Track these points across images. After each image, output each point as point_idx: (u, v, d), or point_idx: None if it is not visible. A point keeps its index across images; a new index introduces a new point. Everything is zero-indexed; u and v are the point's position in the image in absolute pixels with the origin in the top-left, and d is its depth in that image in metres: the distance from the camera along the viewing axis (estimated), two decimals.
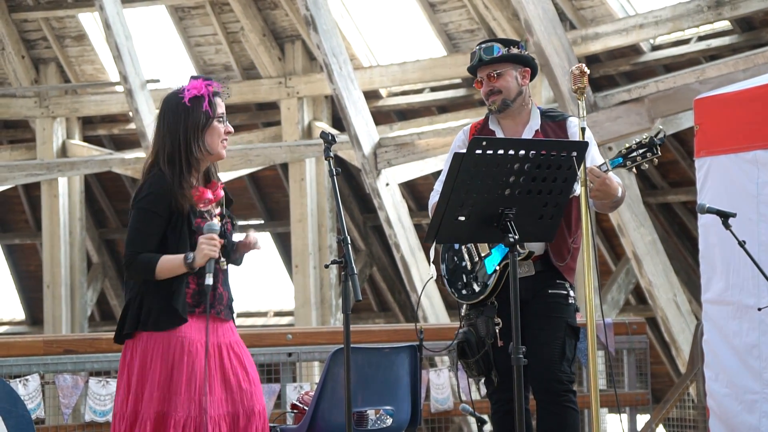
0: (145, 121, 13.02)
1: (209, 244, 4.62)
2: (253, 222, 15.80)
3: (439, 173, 5.66)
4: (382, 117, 14.13)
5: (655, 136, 5.13)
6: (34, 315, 16.74)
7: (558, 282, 5.38)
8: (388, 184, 12.09)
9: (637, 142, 5.18)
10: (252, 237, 4.92)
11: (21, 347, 6.90)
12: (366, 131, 12.07)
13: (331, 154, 4.83)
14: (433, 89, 14.35)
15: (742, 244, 5.49)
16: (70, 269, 15.28)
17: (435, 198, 5.44)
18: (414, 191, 14.58)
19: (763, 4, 11.07)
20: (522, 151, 4.70)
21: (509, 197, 4.76)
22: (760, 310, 6.26)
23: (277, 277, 16.34)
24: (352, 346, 4.67)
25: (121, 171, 14.63)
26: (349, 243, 4.64)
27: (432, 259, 5.62)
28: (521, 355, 4.70)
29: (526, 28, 10.83)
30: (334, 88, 11.93)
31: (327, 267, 4.85)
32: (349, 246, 4.62)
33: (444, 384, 7.61)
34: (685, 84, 10.60)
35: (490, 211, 4.77)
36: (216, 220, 4.77)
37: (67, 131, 15.59)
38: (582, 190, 5.03)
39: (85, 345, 7.01)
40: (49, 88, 15.41)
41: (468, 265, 5.46)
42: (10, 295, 17.25)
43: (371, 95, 13.87)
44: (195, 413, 4.62)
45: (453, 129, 12.04)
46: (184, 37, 14.90)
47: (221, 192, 4.86)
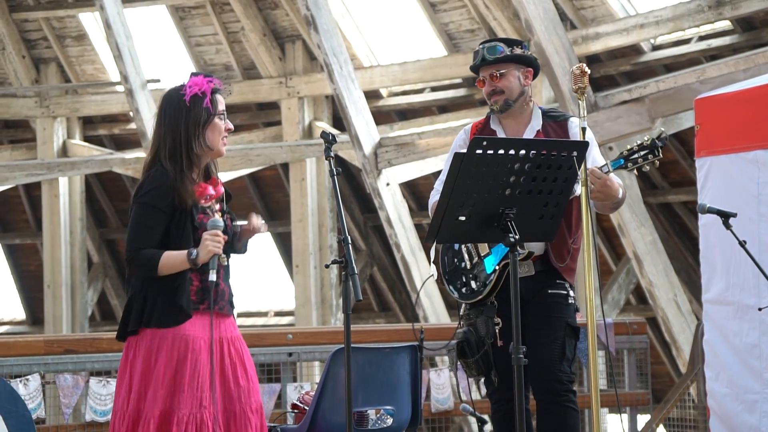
0: (145, 121, 13.01)
1: (213, 240, 4.61)
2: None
3: (439, 173, 5.65)
4: (382, 117, 14.13)
5: (657, 138, 5.11)
6: (35, 315, 16.73)
7: (558, 282, 5.38)
8: (388, 184, 12.09)
9: (638, 143, 5.14)
10: (255, 221, 4.91)
11: (21, 347, 6.90)
12: (366, 131, 12.06)
13: (332, 154, 4.82)
14: (433, 89, 14.34)
15: (742, 244, 5.49)
16: (70, 269, 15.28)
17: (435, 197, 5.43)
18: (414, 191, 14.58)
19: (764, 4, 11.07)
20: (522, 151, 4.70)
21: (510, 197, 4.75)
22: (760, 310, 6.26)
23: (278, 276, 16.34)
24: (352, 345, 4.66)
25: (121, 171, 14.63)
26: (349, 243, 4.63)
27: (432, 259, 5.62)
28: (521, 355, 4.70)
29: (527, 27, 10.83)
30: (335, 87, 11.93)
31: (327, 267, 4.85)
32: (349, 246, 4.62)
33: (444, 384, 7.61)
34: (686, 84, 10.59)
35: (491, 210, 4.76)
36: (218, 216, 4.77)
37: (68, 131, 15.58)
38: (582, 190, 5.02)
39: (86, 345, 7.02)
40: (50, 87, 15.41)
41: (467, 265, 5.46)
42: (10, 294, 17.25)
43: (372, 95, 13.87)
44: (197, 410, 4.62)
45: (453, 129, 12.04)
46: (185, 37, 14.90)
47: (221, 188, 4.86)
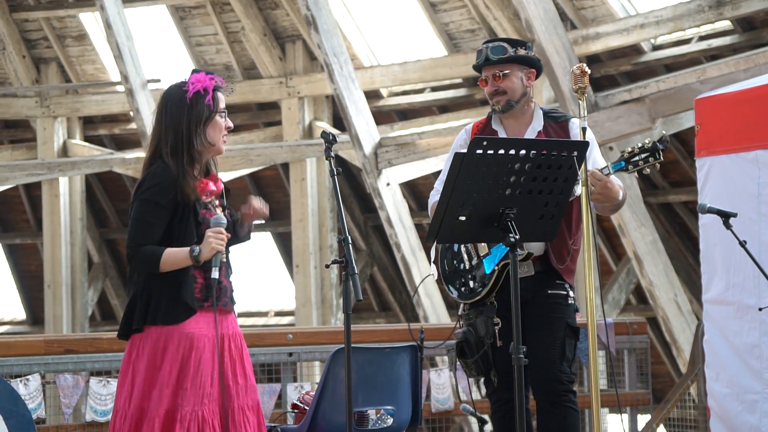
0: (146, 121, 13.00)
1: (217, 237, 4.61)
2: (254, 222, 15.76)
3: (439, 173, 5.65)
4: (382, 117, 14.13)
5: (658, 140, 5.10)
6: (35, 315, 16.73)
7: (557, 282, 5.37)
8: (388, 184, 12.09)
9: (639, 146, 5.12)
10: (255, 203, 4.91)
11: (22, 347, 6.90)
12: (367, 131, 12.06)
13: (332, 154, 4.82)
14: (433, 89, 14.34)
15: (742, 244, 5.49)
16: (70, 269, 15.28)
17: (435, 197, 5.43)
18: (415, 191, 14.58)
19: (764, 3, 11.07)
20: (522, 151, 4.70)
21: (510, 197, 4.75)
22: (760, 310, 6.26)
23: (278, 276, 16.34)
24: (352, 345, 4.66)
25: (122, 171, 14.63)
26: (349, 243, 4.63)
27: (433, 259, 5.61)
28: (522, 355, 4.70)
29: (527, 27, 10.83)
30: (335, 87, 11.93)
31: (328, 267, 4.84)
32: (349, 246, 4.62)
33: (445, 384, 7.60)
34: (686, 84, 10.59)
35: (491, 210, 4.76)
36: (219, 211, 4.77)
37: (68, 131, 15.58)
38: (583, 190, 5.02)
39: (86, 345, 7.02)
40: (50, 87, 15.41)
41: (466, 266, 5.45)
42: (10, 294, 17.25)
43: (372, 95, 13.87)
44: (198, 407, 4.62)
45: (454, 129, 12.04)
46: (185, 37, 14.90)
47: (221, 184, 4.86)
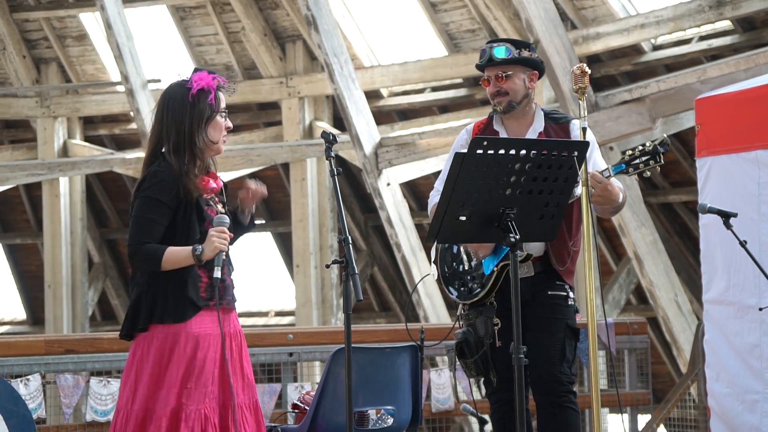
0: (146, 121, 12.99)
1: (219, 236, 4.61)
2: (254, 222, 15.76)
3: (440, 173, 5.65)
4: (383, 117, 14.13)
5: (659, 143, 5.09)
6: (36, 315, 16.73)
7: (557, 283, 5.36)
8: (389, 184, 12.09)
9: (640, 149, 5.11)
10: (252, 185, 4.90)
11: (22, 347, 6.90)
12: (367, 131, 12.06)
13: (332, 154, 4.82)
14: (434, 89, 14.34)
15: (743, 244, 5.49)
16: (71, 269, 15.28)
17: (435, 197, 5.43)
18: (415, 191, 14.58)
19: (765, 3, 11.07)
20: (523, 151, 4.69)
21: (510, 197, 4.75)
22: (761, 310, 6.26)
23: (278, 276, 16.34)
24: (353, 345, 4.66)
25: (122, 171, 14.63)
26: (350, 243, 4.63)
27: (434, 259, 5.61)
28: (522, 355, 4.70)
29: (527, 28, 10.83)
30: (335, 87, 11.93)
31: (328, 267, 4.84)
32: (350, 246, 4.61)
33: (445, 384, 7.61)
34: (687, 84, 10.59)
35: (491, 210, 4.76)
36: (220, 207, 4.77)
37: (68, 131, 15.58)
38: (583, 190, 5.02)
39: (86, 345, 7.02)
40: (51, 88, 15.41)
41: (466, 267, 5.45)
42: (11, 294, 17.25)
43: (372, 95, 13.87)
44: (202, 405, 4.62)
45: (454, 129, 12.04)
46: (185, 37, 14.90)
47: (220, 182, 4.86)
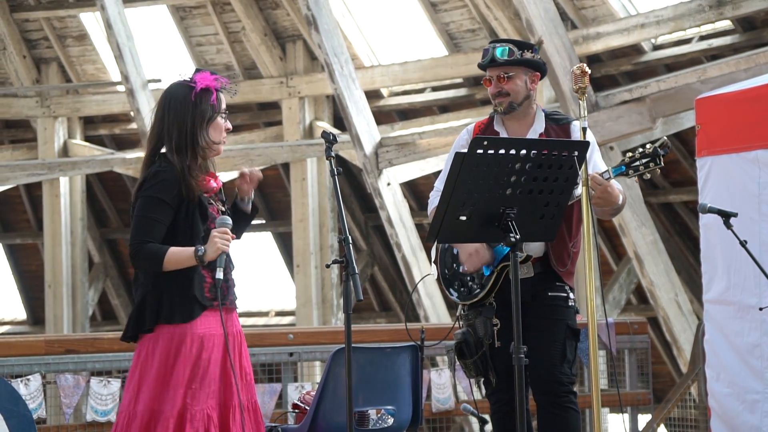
0: (146, 121, 12.99)
1: (222, 238, 4.60)
2: (255, 222, 15.76)
3: (440, 173, 5.65)
4: (383, 117, 14.13)
5: (660, 146, 5.09)
6: (36, 315, 16.74)
7: (557, 284, 5.36)
8: (389, 184, 12.09)
9: (640, 151, 5.10)
10: (246, 170, 4.89)
11: (22, 347, 6.90)
12: (367, 131, 12.06)
13: (333, 154, 4.82)
14: (434, 89, 14.34)
15: (743, 244, 5.49)
16: (71, 269, 15.28)
17: (435, 198, 5.43)
18: (415, 191, 14.58)
19: (765, 3, 11.06)
20: (523, 151, 4.69)
21: (510, 197, 4.75)
22: (761, 309, 6.26)
23: (279, 276, 16.34)
24: (353, 345, 4.66)
25: (122, 171, 14.63)
26: (350, 243, 4.63)
27: (434, 259, 5.61)
28: (522, 355, 4.70)
29: (528, 27, 10.83)
30: (336, 87, 11.93)
31: (328, 267, 4.84)
32: (350, 246, 4.61)
33: (445, 384, 7.61)
34: (687, 84, 10.59)
35: (492, 210, 4.76)
36: (220, 206, 4.77)
37: (69, 131, 15.58)
38: (584, 189, 5.02)
39: (87, 345, 7.02)
40: (51, 87, 15.41)
41: (465, 268, 5.44)
42: (11, 294, 17.25)
43: (372, 95, 13.87)
44: (206, 405, 4.63)
45: (454, 129, 12.04)
46: (186, 37, 14.90)
47: (219, 182, 4.86)
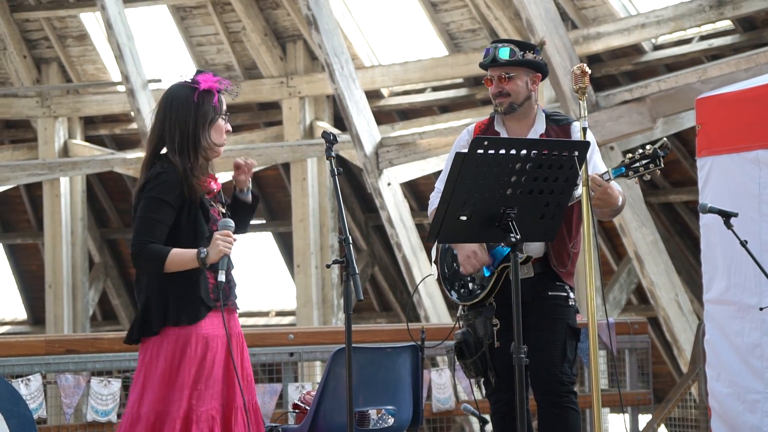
0: (147, 121, 13.00)
1: (225, 240, 4.60)
2: (255, 222, 15.78)
3: (440, 173, 5.65)
4: (383, 117, 14.13)
5: (659, 147, 5.09)
6: (36, 315, 16.74)
7: (557, 284, 5.36)
8: (389, 184, 12.09)
9: (640, 152, 5.11)
10: (239, 161, 4.89)
11: (23, 347, 6.90)
12: (368, 131, 12.06)
13: (333, 154, 4.81)
14: (434, 89, 14.34)
15: (743, 244, 5.49)
16: (71, 269, 15.28)
17: (435, 198, 5.43)
18: (416, 191, 14.58)
19: (765, 3, 11.06)
20: (523, 151, 4.69)
21: (511, 197, 4.75)
22: (761, 309, 6.26)
23: (279, 276, 16.34)
24: (353, 345, 4.66)
25: (122, 171, 14.63)
26: (350, 243, 4.62)
27: (434, 259, 5.61)
28: (523, 355, 4.70)
29: (528, 27, 10.83)
30: (336, 87, 11.93)
31: (329, 267, 4.84)
32: (350, 246, 4.61)
33: (446, 384, 7.61)
34: (687, 83, 10.59)
35: (492, 210, 4.76)
36: (220, 207, 4.78)
37: (69, 131, 15.59)
38: (584, 189, 5.02)
39: (87, 345, 7.02)
40: (51, 87, 15.41)
41: None
42: (11, 295, 17.26)
43: (373, 95, 13.87)
44: (210, 406, 4.64)
45: (455, 129, 12.04)
46: (186, 37, 14.90)
47: (219, 184, 4.87)
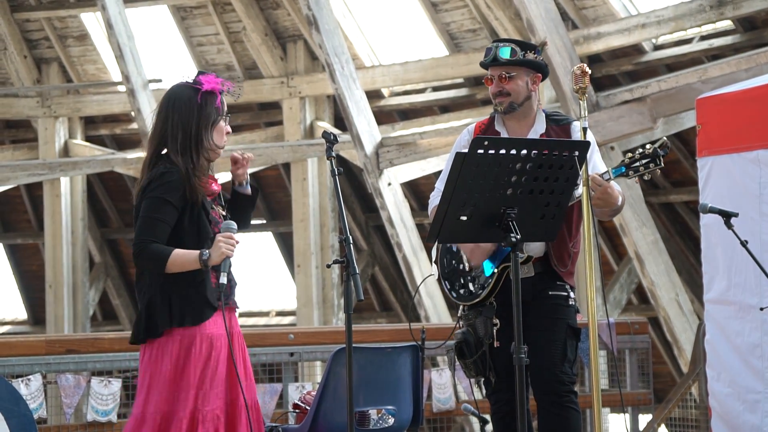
0: (147, 121, 13.00)
1: (227, 242, 4.60)
2: (255, 222, 15.80)
3: (441, 173, 5.65)
4: (384, 117, 14.13)
5: (659, 146, 5.09)
6: (37, 315, 16.74)
7: (558, 284, 5.36)
8: (390, 184, 12.09)
9: (640, 152, 5.11)
10: (236, 155, 4.89)
11: (23, 347, 6.90)
12: (368, 131, 12.06)
13: (333, 154, 4.82)
14: (435, 89, 14.34)
15: (744, 244, 5.48)
16: (72, 269, 15.28)
17: (435, 198, 5.43)
18: (416, 191, 14.58)
19: (766, 3, 11.06)
20: (524, 151, 4.69)
21: (511, 197, 4.75)
22: (762, 309, 6.26)
23: (279, 276, 16.34)
24: (354, 345, 4.66)
25: (123, 171, 14.63)
26: (351, 243, 4.63)
27: (435, 259, 5.61)
28: (523, 355, 4.70)
29: (528, 27, 10.83)
30: (336, 87, 11.93)
31: (329, 267, 4.85)
32: (351, 246, 4.61)
33: (446, 383, 7.61)
34: (688, 83, 10.59)
35: (492, 210, 4.76)
36: (220, 210, 4.78)
37: (70, 131, 15.59)
38: (584, 189, 5.02)
39: (87, 345, 7.03)
40: (52, 87, 15.41)
41: (466, 267, 5.44)
42: (12, 294, 17.26)
43: (373, 95, 13.87)
44: (216, 405, 4.65)
45: (455, 129, 12.04)
46: (186, 37, 14.90)
47: (219, 186, 4.87)
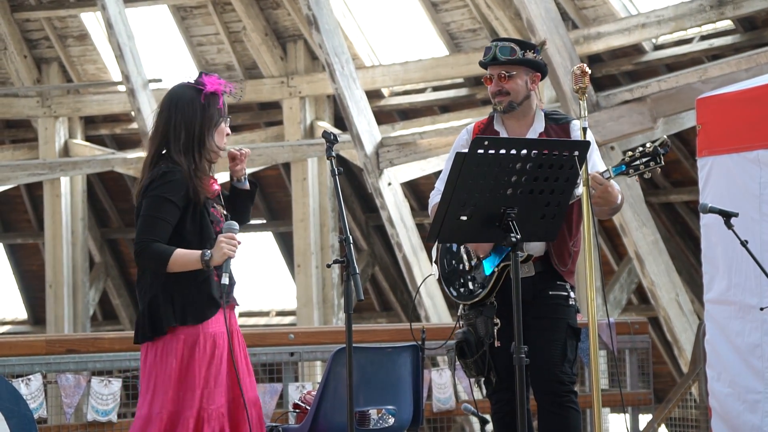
0: (147, 121, 13.00)
1: (229, 243, 4.60)
2: (256, 222, 15.80)
3: (441, 173, 5.65)
4: (384, 116, 14.13)
5: (659, 145, 5.09)
6: (37, 315, 16.74)
7: (558, 283, 5.36)
8: (390, 184, 12.09)
9: (640, 150, 5.11)
10: (233, 151, 4.89)
11: (23, 347, 6.90)
12: (368, 131, 12.06)
13: (333, 154, 4.82)
14: (435, 89, 14.34)
15: (744, 244, 5.49)
16: (72, 269, 15.28)
17: (435, 198, 5.43)
18: (416, 191, 14.58)
19: (766, 3, 11.06)
20: (524, 151, 4.70)
21: (511, 197, 4.75)
22: (762, 309, 6.26)
23: (279, 276, 16.34)
24: (354, 345, 4.67)
25: (123, 170, 14.63)
26: (351, 242, 4.64)
27: (435, 259, 5.61)
28: (523, 355, 4.70)
29: (528, 27, 10.83)
30: (336, 87, 11.93)
31: (329, 266, 4.86)
32: (351, 245, 4.62)
33: (446, 383, 7.61)
34: (688, 83, 10.59)
35: (492, 210, 4.76)
36: (221, 209, 4.78)
37: (70, 131, 15.59)
38: (584, 189, 5.02)
39: (88, 344, 7.03)
40: (52, 87, 15.41)
41: (466, 266, 5.45)
42: (12, 294, 17.26)
43: (373, 95, 13.87)
44: (220, 404, 4.66)
45: (455, 128, 12.03)
46: (186, 37, 14.90)
47: (219, 186, 4.87)
